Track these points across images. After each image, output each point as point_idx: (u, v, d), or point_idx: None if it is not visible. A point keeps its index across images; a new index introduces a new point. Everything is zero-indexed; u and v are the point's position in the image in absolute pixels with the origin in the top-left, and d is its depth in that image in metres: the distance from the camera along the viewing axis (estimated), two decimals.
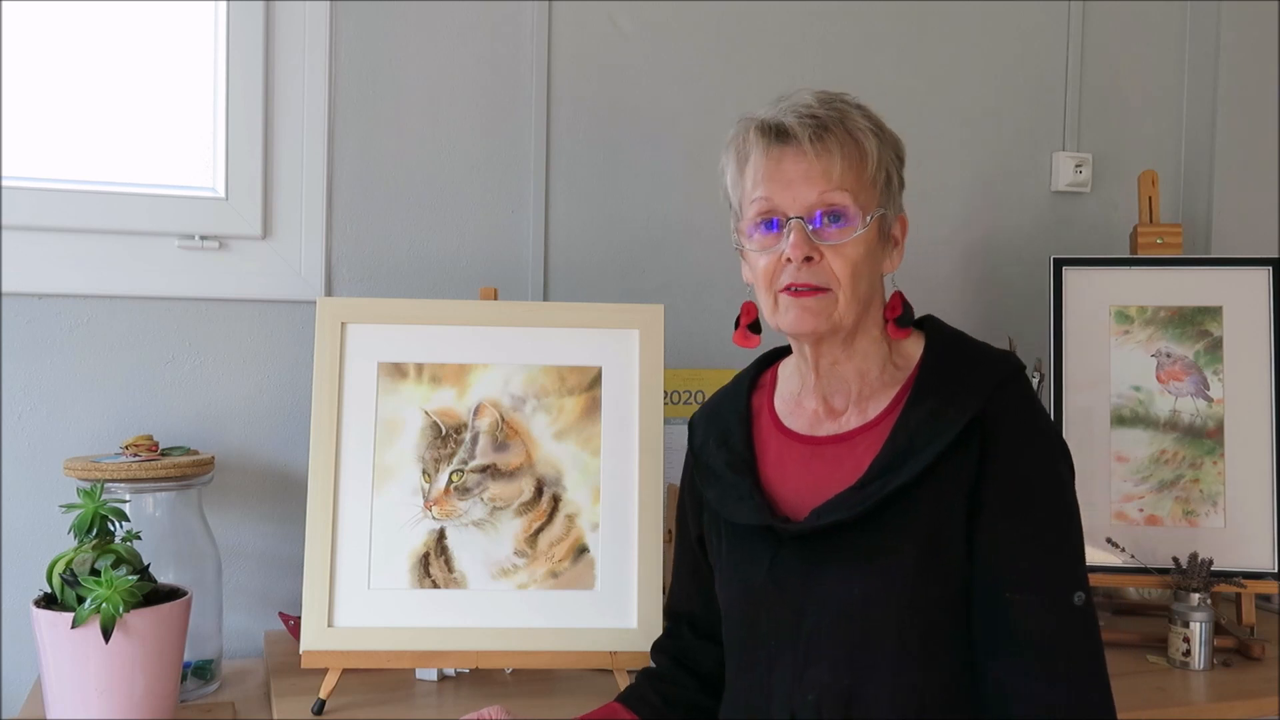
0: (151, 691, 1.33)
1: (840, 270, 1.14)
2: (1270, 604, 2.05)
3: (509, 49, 1.93)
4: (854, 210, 1.14)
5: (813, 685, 1.14)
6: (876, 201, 1.16)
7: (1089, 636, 1.11)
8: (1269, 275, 1.89)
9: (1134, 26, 2.32)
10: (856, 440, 1.19)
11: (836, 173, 1.14)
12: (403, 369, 1.55)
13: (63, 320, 1.73)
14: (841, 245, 1.14)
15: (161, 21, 1.77)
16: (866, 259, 1.16)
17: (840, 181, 1.14)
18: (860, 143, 1.15)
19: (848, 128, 1.15)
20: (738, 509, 1.22)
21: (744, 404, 1.30)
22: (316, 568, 1.48)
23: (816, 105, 1.15)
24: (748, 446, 1.26)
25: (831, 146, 1.14)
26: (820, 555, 1.15)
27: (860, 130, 1.15)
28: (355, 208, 1.86)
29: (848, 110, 1.16)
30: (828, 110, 1.15)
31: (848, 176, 1.14)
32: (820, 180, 1.14)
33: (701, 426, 1.34)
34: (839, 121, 1.15)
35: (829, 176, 1.14)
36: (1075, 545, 1.14)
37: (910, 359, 1.21)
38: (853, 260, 1.14)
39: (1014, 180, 2.26)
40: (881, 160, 1.16)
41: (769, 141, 1.16)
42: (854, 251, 1.14)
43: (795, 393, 1.28)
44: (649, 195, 2.01)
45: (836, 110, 1.16)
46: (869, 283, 1.17)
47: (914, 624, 1.11)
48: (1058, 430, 1.20)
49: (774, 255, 1.16)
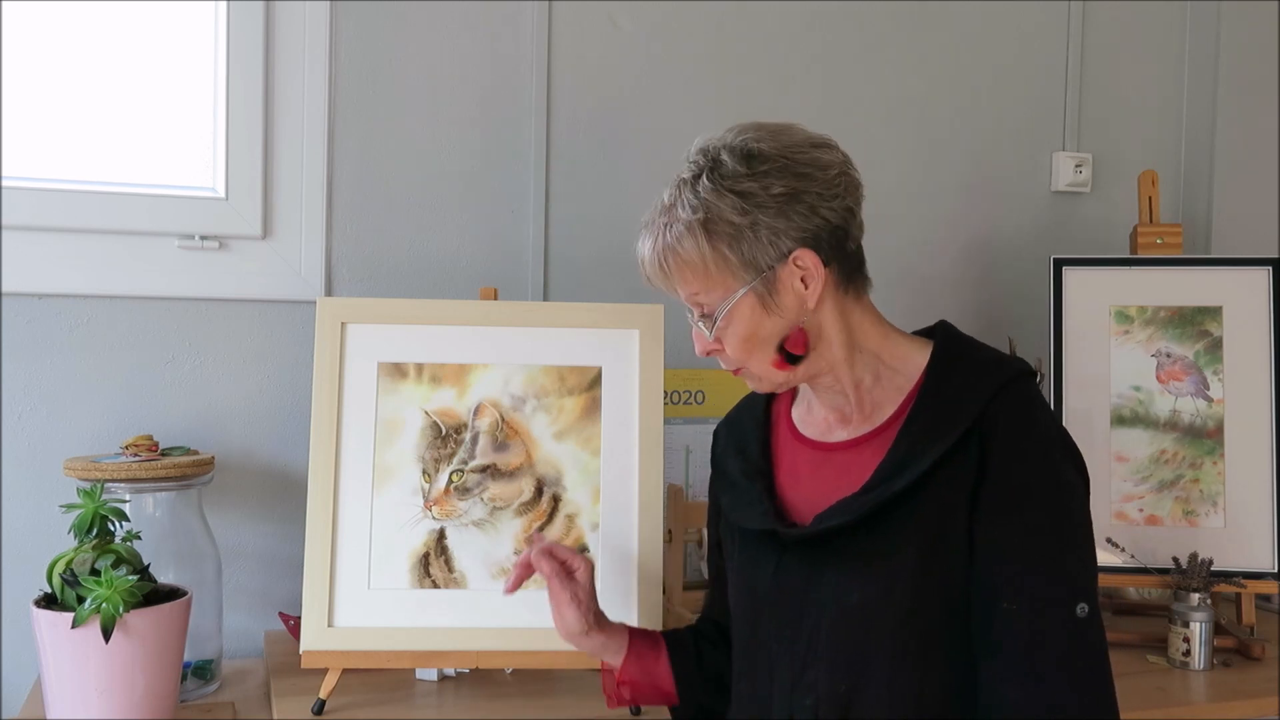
0: (151, 691, 1.33)
1: (734, 349, 1.19)
2: (1270, 604, 2.05)
3: (509, 49, 1.93)
4: (717, 301, 1.17)
5: (811, 688, 1.14)
6: (735, 281, 1.15)
7: (1093, 648, 1.09)
8: (1269, 275, 1.90)
9: (1134, 26, 2.32)
10: (865, 446, 1.19)
11: (685, 288, 1.18)
12: (403, 369, 1.55)
13: (63, 320, 1.73)
14: (729, 329, 1.18)
15: (161, 22, 1.77)
16: (757, 329, 1.17)
17: (690, 289, 1.18)
18: (682, 257, 1.16)
19: (674, 248, 1.16)
20: (746, 514, 1.23)
21: (762, 411, 1.32)
22: (316, 568, 1.48)
23: (663, 221, 1.18)
24: (763, 454, 1.28)
25: (671, 272, 1.18)
26: (822, 560, 1.15)
27: (680, 241, 1.15)
28: (355, 208, 1.86)
29: (677, 214, 1.16)
30: (665, 236, 1.17)
31: (694, 283, 1.17)
32: (682, 292, 1.20)
33: (724, 435, 1.36)
34: (669, 251, 1.17)
35: (683, 290, 1.19)
36: (1080, 553, 1.12)
37: (916, 364, 1.20)
38: (740, 338, 1.18)
39: (1014, 180, 2.26)
40: (710, 255, 1.15)
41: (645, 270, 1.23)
42: (741, 327, 1.17)
43: (808, 399, 1.29)
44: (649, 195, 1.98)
45: (671, 222, 1.16)
46: (767, 346, 1.18)
47: (913, 628, 1.11)
48: (1067, 436, 1.17)
49: None
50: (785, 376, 1.19)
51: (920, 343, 1.23)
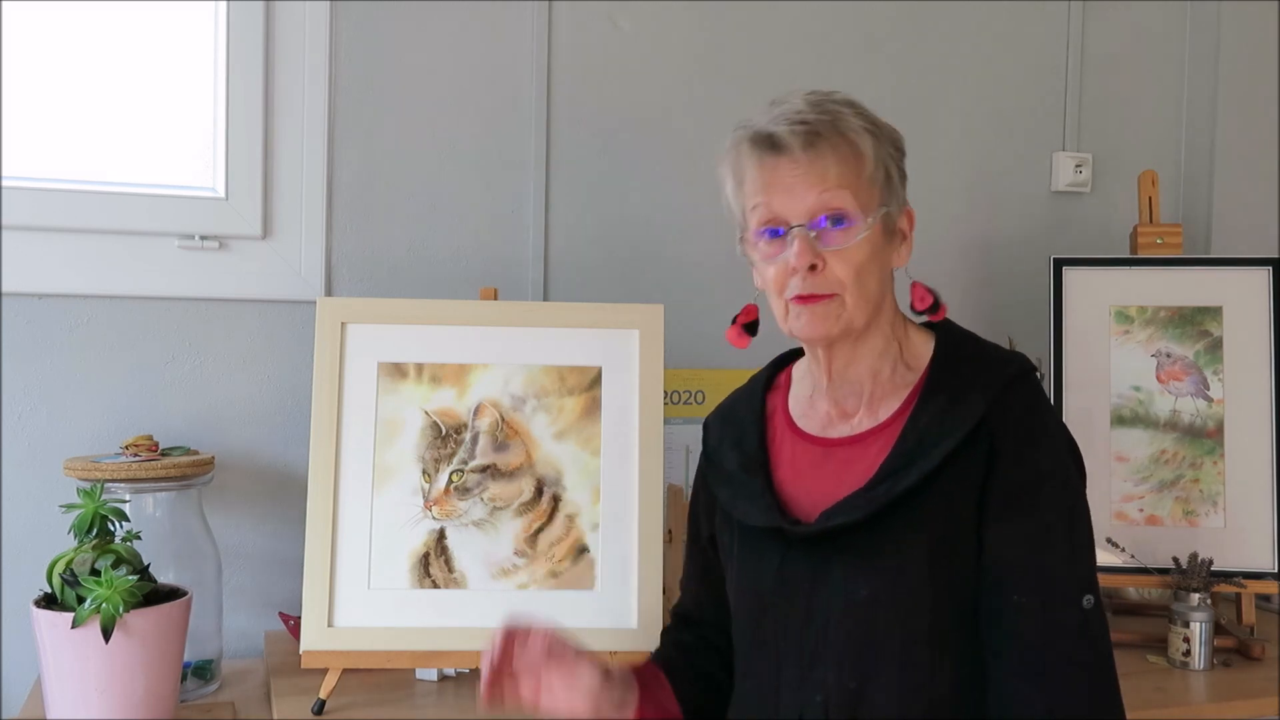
0: (151, 691, 1.33)
1: (845, 274, 1.14)
2: (1270, 604, 2.05)
3: (509, 49, 1.93)
4: (855, 211, 1.14)
5: (820, 686, 1.14)
6: (878, 200, 1.15)
7: (1097, 639, 1.10)
8: (1269, 275, 1.89)
9: (1134, 26, 2.32)
10: (868, 442, 1.19)
11: (833, 175, 1.13)
12: (403, 369, 1.55)
13: (63, 320, 1.73)
14: (845, 249, 1.13)
15: (161, 21, 1.77)
16: (872, 259, 1.15)
17: (838, 182, 1.13)
18: (854, 143, 1.14)
19: (840, 129, 1.14)
20: (749, 510, 1.22)
21: (759, 405, 1.31)
22: (316, 568, 1.48)
23: (807, 110, 1.14)
24: (761, 448, 1.26)
25: (824, 151, 1.13)
26: (828, 557, 1.15)
27: (854, 130, 1.14)
28: (355, 208, 1.86)
29: (839, 111, 1.15)
30: (819, 114, 1.14)
31: (845, 177, 1.13)
32: (817, 183, 1.13)
33: (716, 428, 1.34)
34: (830, 125, 1.13)
35: (825, 179, 1.13)
36: (1084, 547, 1.13)
37: (921, 359, 1.21)
38: (857, 263, 1.14)
39: (1014, 180, 2.26)
40: (879, 157, 1.15)
41: (762, 152, 1.15)
42: (858, 254, 1.14)
43: (808, 394, 1.27)
44: (649, 195, 2.01)
45: (828, 113, 1.14)
46: (877, 282, 1.17)
47: (921, 625, 1.11)
48: (1067, 431, 1.18)
49: (780, 264, 1.15)
50: (864, 319, 1.16)
51: (927, 335, 1.23)
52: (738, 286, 1.26)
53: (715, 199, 1.27)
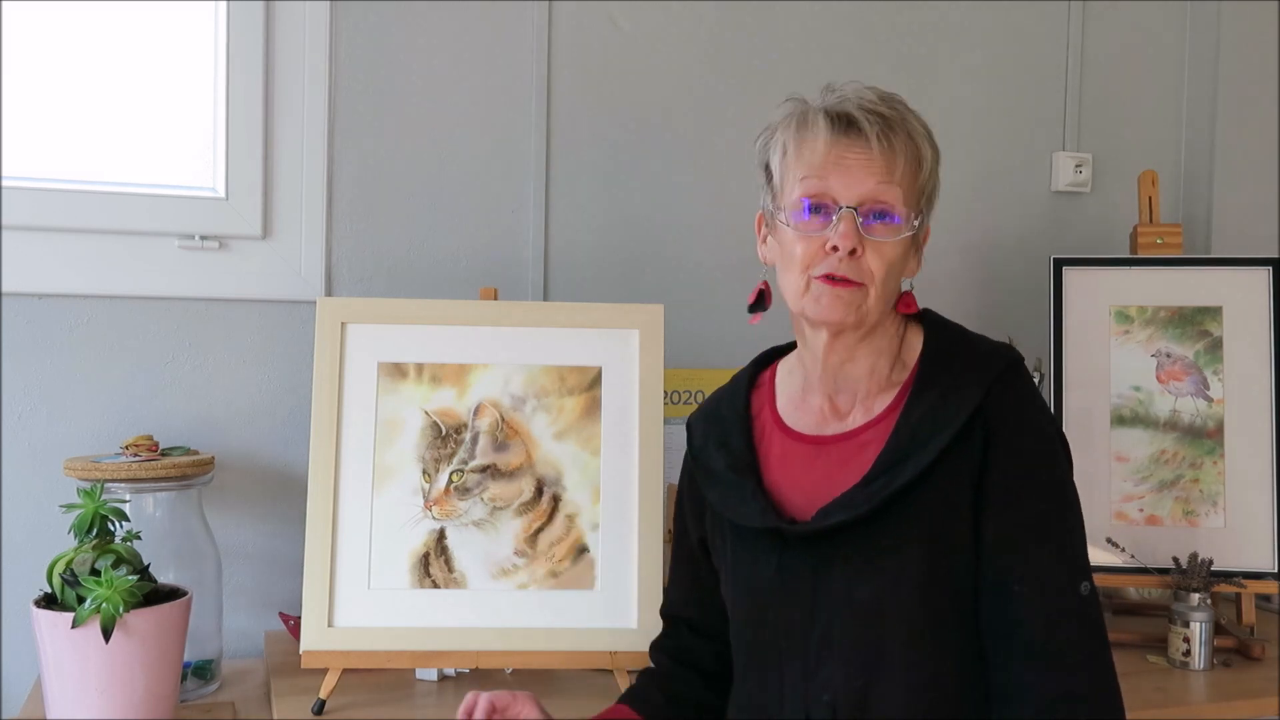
0: (151, 691, 1.33)
1: (876, 268, 1.15)
2: (1270, 604, 2.05)
3: (509, 49, 1.93)
4: (902, 211, 1.16)
5: (826, 685, 1.14)
6: (921, 206, 1.19)
7: (1096, 625, 1.12)
8: (1269, 275, 1.89)
9: (1134, 26, 2.32)
10: (862, 438, 1.19)
11: (897, 171, 1.15)
12: (403, 369, 1.55)
13: (63, 320, 1.73)
14: (883, 244, 1.15)
15: (161, 21, 1.77)
16: (899, 260, 1.17)
17: (900, 180, 1.15)
18: (919, 147, 1.17)
19: (909, 131, 1.17)
20: (742, 511, 1.21)
21: (743, 404, 1.29)
22: (316, 568, 1.48)
23: (880, 103, 1.17)
24: (748, 447, 1.26)
25: (897, 145, 1.15)
26: (828, 555, 1.15)
27: (919, 136, 1.18)
28: (355, 208, 1.86)
29: (908, 115, 1.19)
30: (891, 109, 1.17)
31: (906, 176, 1.16)
32: (881, 174, 1.14)
33: (700, 428, 1.32)
34: (902, 123, 1.17)
35: (890, 172, 1.15)
36: (1078, 535, 1.15)
37: (912, 354, 1.22)
38: (889, 259, 1.15)
39: (1014, 180, 2.25)
40: (933, 170, 1.20)
41: (835, 130, 1.16)
42: (892, 251, 1.16)
43: (798, 391, 1.27)
44: (649, 195, 2.01)
45: (898, 111, 1.18)
46: (896, 282, 1.19)
47: (925, 620, 1.12)
48: (1056, 421, 1.21)
49: (816, 241, 1.15)
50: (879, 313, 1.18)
51: (914, 330, 1.24)
52: (738, 286, 1.26)
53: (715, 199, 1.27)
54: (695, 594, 1.33)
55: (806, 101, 1.20)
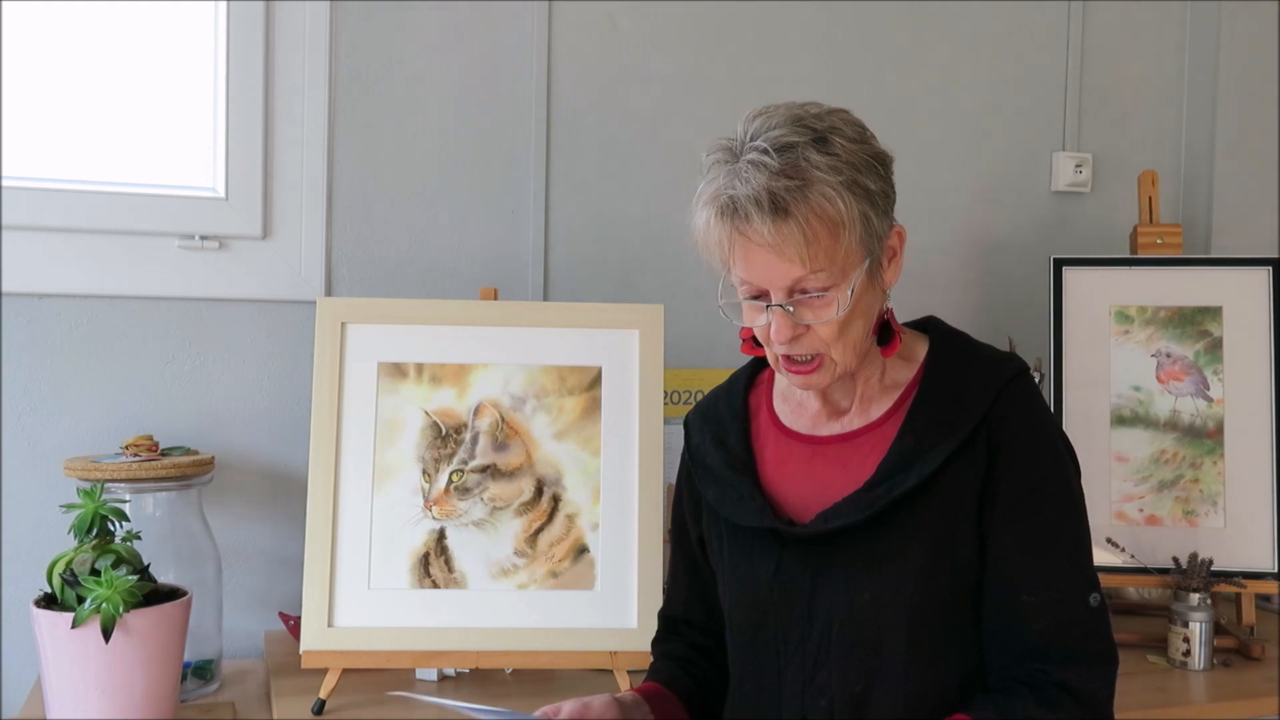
0: (151, 691, 1.33)
1: (826, 335, 1.11)
2: (1270, 604, 2.05)
3: (509, 49, 1.93)
4: (829, 280, 1.09)
5: (824, 690, 1.13)
6: (860, 256, 1.10)
7: (1103, 639, 1.12)
8: (1269, 275, 1.89)
9: (1134, 26, 2.32)
10: (860, 440, 1.19)
11: (806, 255, 1.06)
12: (403, 369, 1.55)
13: (63, 320, 1.73)
14: (824, 315, 1.10)
15: (161, 21, 1.77)
16: (855, 313, 1.12)
17: (811, 264, 1.07)
18: (827, 214, 1.06)
19: (810, 200, 1.05)
20: (739, 510, 1.21)
21: (740, 403, 1.29)
22: (316, 568, 1.48)
23: (775, 170, 1.05)
24: (745, 446, 1.25)
25: (794, 230, 1.05)
26: (827, 559, 1.14)
27: (827, 196, 1.06)
28: (355, 208, 1.86)
29: (810, 170, 1.06)
30: (788, 179, 1.05)
31: (817, 257, 1.07)
32: (792, 258, 1.07)
33: (697, 426, 1.31)
34: (800, 194, 1.05)
35: (801, 257, 1.06)
36: (1085, 546, 1.15)
37: (914, 360, 1.20)
38: (838, 325, 1.11)
39: (1014, 180, 2.26)
40: (856, 216, 1.07)
41: (730, 223, 1.08)
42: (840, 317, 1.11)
43: (797, 393, 1.26)
44: (649, 195, 2.01)
45: (798, 175, 1.05)
46: (864, 325, 1.14)
47: (924, 626, 1.11)
48: (1063, 431, 1.19)
49: (764, 325, 1.13)
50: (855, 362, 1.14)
51: (916, 337, 1.22)
52: None
53: None
54: (696, 594, 1.32)
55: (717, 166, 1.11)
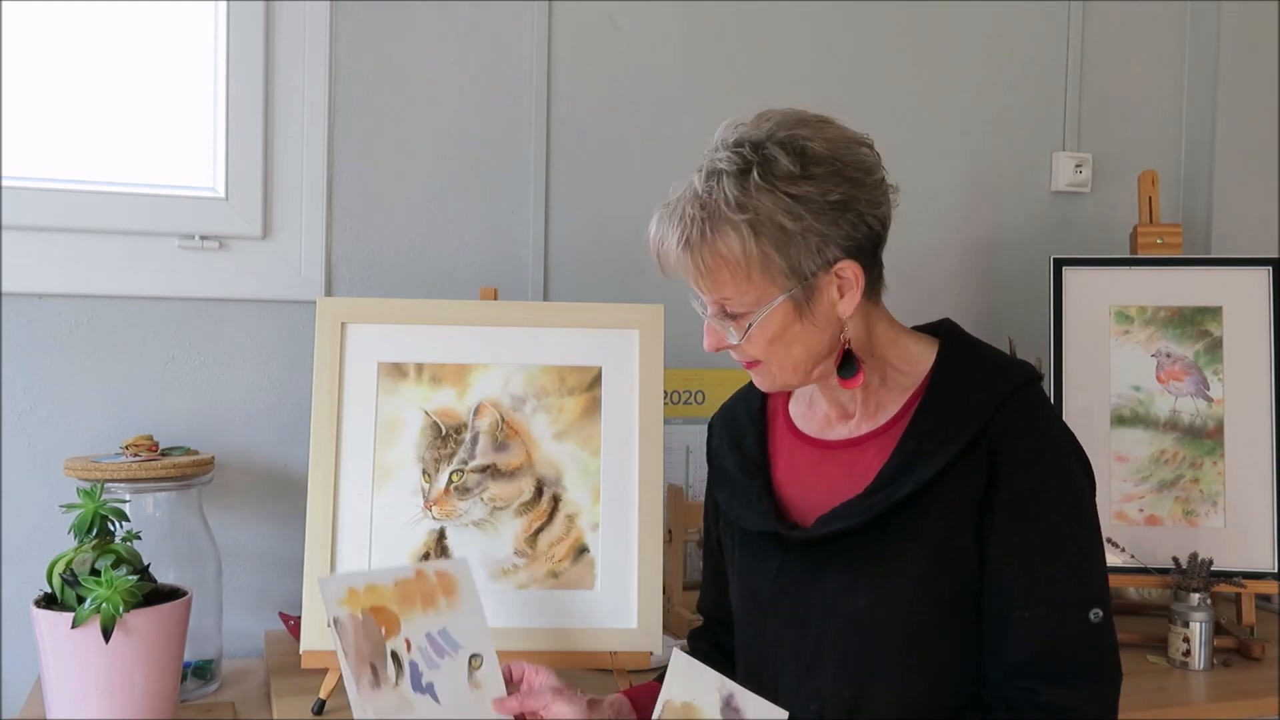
0: (151, 691, 1.33)
1: (755, 350, 1.13)
2: (1270, 604, 2.05)
3: (509, 49, 1.93)
4: (742, 303, 1.11)
5: (816, 694, 1.14)
6: (770, 290, 1.10)
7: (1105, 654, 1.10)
8: (1269, 275, 1.89)
9: (1134, 26, 2.32)
10: (866, 445, 1.18)
11: (704, 285, 1.12)
12: (403, 369, 1.55)
13: (63, 320, 1.73)
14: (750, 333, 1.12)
15: (161, 21, 1.77)
16: (784, 333, 1.12)
17: (715, 292, 1.12)
18: (719, 250, 1.08)
19: (708, 237, 1.09)
20: (746, 513, 1.21)
21: (758, 406, 1.30)
22: (316, 568, 1.48)
23: (696, 196, 1.10)
24: (760, 449, 1.26)
25: (692, 260, 1.10)
26: (825, 563, 1.14)
27: (721, 235, 1.08)
28: (355, 208, 1.86)
29: (716, 208, 1.08)
30: (697, 212, 1.09)
31: (720, 286, 1.11)
32: (706, 283, 1.12)
33: (718, 428, 1.34)
34: (701, 228, 1.09)
35: (711, 284, 1.11)
36: (1091, 559, 1.12)
37: (919, 364, 1.19)
38: (764, 342, 1.12)
39: (1014, 180, 2.26)
40: (755, 255, 1.08)
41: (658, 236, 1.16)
42: (763, 334, 1.12)
43: (808, 395, 1.27)
44: (649, 195, 1.98)
45: (705, 210, 1.09)
46: (803, 347, 1.13)
47: (919, 633, 1.11)
48: (1074, 441, 1.16)
49: None
50: (800, 379, 1.16)
51: (926, 342, 1.21)
52: None
53: None
54: (722, 592, 1.33)
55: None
